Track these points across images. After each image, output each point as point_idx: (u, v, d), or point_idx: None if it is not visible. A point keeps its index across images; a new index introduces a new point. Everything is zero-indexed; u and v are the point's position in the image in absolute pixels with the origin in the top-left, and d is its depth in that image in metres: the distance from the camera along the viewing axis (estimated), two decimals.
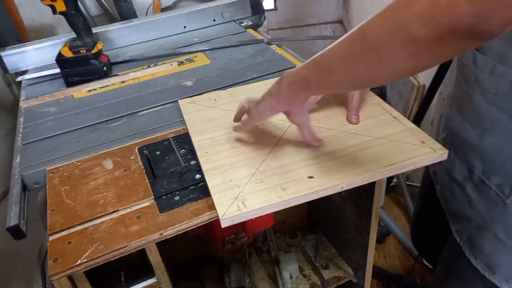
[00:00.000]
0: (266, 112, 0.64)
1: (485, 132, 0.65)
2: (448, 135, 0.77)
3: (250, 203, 0.58)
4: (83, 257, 0.56)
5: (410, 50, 0.40)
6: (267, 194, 0.59)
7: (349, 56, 0.47)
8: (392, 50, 0.41)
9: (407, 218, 1.67)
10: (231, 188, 0.61)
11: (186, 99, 0.86)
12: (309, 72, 0.55)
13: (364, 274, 0.94)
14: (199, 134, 0.74)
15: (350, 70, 0.48)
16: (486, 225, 0.69)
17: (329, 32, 2.65)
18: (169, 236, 0.59)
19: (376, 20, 0.42)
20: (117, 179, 0.70)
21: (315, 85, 0.55)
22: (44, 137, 0.85)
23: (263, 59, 1.09)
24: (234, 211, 0.57)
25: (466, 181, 0.72)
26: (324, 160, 0.65)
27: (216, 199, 0.59)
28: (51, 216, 0.63)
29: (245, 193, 0.60)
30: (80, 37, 1.04)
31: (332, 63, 0.50)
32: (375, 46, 0.42)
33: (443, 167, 0.79)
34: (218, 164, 0.66)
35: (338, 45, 0.49)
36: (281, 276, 0.99)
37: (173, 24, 1.31)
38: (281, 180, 0.62)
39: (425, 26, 0.37)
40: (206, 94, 0.87)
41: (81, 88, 1.04)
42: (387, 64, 0.43)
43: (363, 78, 0.48)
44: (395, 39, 0.40)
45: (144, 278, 0.67)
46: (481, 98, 0.64)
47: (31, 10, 1.91)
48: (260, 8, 1.39)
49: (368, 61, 0.44)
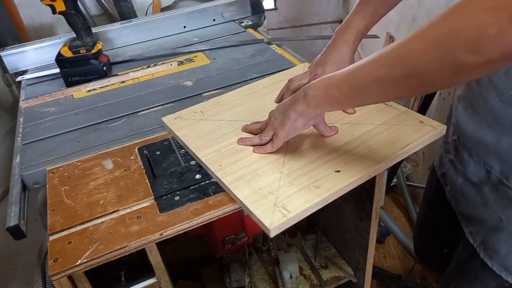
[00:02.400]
0: (298, 130, 0.64)
1: (503, 133, 0.65)
2: (460, 137, 0.76)
3: (291, 207, 0.57)
4: (83, 257, 0.56)
5: (457, 73, 0.41)
6: (304, 195, 0.59)
7: (389, 80, 0.48)
8: (438, 74, 0.42)
9: (407, 218, 1.67)
10: (264, 196, 0.59)
11: (170, 116, 0.82)
12: (342, 92, 0.55)
13: (364, 274, 0.94)
14: (203, 148, 0.71)
15: (390, 91, 0.49)
16: (502, 226, 0.68)
17: (329, 32, 2.65)
18: (169, 236, 0.59)
19: (417, 45, 0.43)
20: (117, 179, 0.70)
21: (348, 104, 0.60)
22: (44, 137, 0.85)
23: (263, 59, 1.09)
24: (280, 218, 0.55)
25: (483, 182, 0.71)
26: (341, 154, 0.66)
27: (255, 209, 0.57)
28: (51, 216, 0.63)
29: (281, 199, 0.59)
30: (79, 37, 1.04)
31: (370, 85, 0.50)
32: (420, 71, 0.43)
33: (455, 168, 0.78)
34: (238, 175, 0.64)
35: (374, 67, 0.49)
36: (281, 276, 0.99)
37: (173, 24, 1.31)
38: (310, 179, 0.62)
39: (475, 54, 0.38)
40: (190, 108, 0.84)
41: (81, 88, 1.03)
42: (430, 85, 0.45)
43: (400, 96, 0.50)
44: (442, 65, 0.41)
45: (144, 278, 0.67)
46: (497, 99, 0.63)
47: (31, 10, 1.91)
48: (260, 7, 1.39)
49: (412, 84, 0.46)
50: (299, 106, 0.61)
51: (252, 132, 0.74)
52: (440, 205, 0.90)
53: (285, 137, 0.65)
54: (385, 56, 0.47)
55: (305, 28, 2.66)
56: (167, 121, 0.80)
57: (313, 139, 0.70)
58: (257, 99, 0.85)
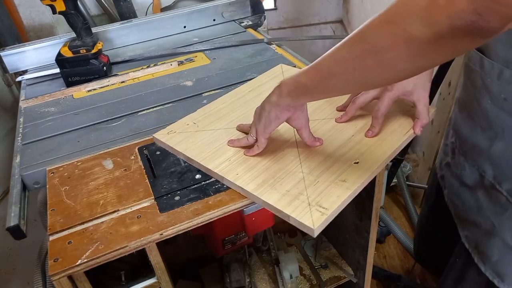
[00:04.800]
0: (272, 123, 0.63)
1: (495, 137, 0.64)
2: (457, 140, 0.75)
3: (327, 204, 0.57)
4: (83, 257, 0.56)
5: (411, 50, 0.40)
6: (334, 191, 0.60)
7: (349, 59, 0.47)
8: (392, 51, 0.41)
9: (407, 218, 1.67)
10: (295, 198, 0.59)
11: (162, 132, 0.77)
12: (309, 78, 0.55)
13: (364, 274, 0.94)
14: (211, 160, 0.69)
15: (350, 73, 0.48)
16: (495, 231, 0.68)
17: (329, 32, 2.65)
18: (169, 236, 0.59)
19: (375, 22, 0.42)
20: (117, 179, 0.70)
21: (315, 90, 0.56)
22: (44, 137, 0.85)
23: (263, 59, 1.09)
24: (319, 216, 0.56)
25: (477, 186, 0.71)
26: (353, 146, 0.68)
27: (291, 212, 0.57)
28: (51, 216, 0.63)
29: (313, 197, 0.59)
30: (79, 37, 1.04)
31: (332, 67, 0.50)
32: (375, 48, 0.42)
33: (452, 171, 0.78)
34: (259, 180, 0.63)
35: (337, 49, 0.49)
36: (281, 276, 0.99)
37: (173, 24, 1.31)
38: (334, 174, 0.62)
39: (425, 26, 0.37)
40: (180, 121, 0.80)
41: (81, 88, 1.03)
42: (387, 65, 0.43)
43: (364, 81, 0.49)
44: (395, 40, 0.40)
45: (144, 278, 0.67)
46: (490, 103, 0.63)
47: (31, 10, 1.91)
48: (260, 7, 1.39)
49: (369, 63, 0.44)
50: (273, 96, 0.61)
51: (244, 130, 0.74)
52: (440, 208, 0.90)
53: (262, 131, 0.64)
54: (348, 37, 0.47)
55: (305, 28, 2.65)
56: (161, 137, 0.76)
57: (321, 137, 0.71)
58: (247, 104, 0.83)
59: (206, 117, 0.80)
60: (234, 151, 0.70)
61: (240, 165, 0.67)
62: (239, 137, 0.72)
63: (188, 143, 0.73)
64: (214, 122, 0.79)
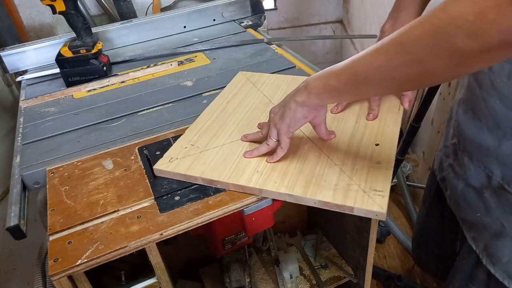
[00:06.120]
0: (298, 123, 0.63)
1: (504, 137, 0.64)
2: (460, 141, 0.75)
3: (380, 187, 0.60)
4: (83, 257, 0.56)
5: (455, 61, 0.40)
6: (377, 173, 0.62)
7: (387, 68, 0.47)
8: (435, 61, 0.42)
9: (407, 218, 1.67)
10: (348, 189, 0.60)
11: (162, 161, 0.70)
12: (341, 82, 0.55)
13: (364, 274, 0.94)
14: (238, 176, 0.65)
15: (388, 81, 0.49)
16: (504, 232, 0.67)
17: (329, 32, 2.65)
18: (169, 236, 0.60)
19: (415, 33, 0.43)
20: (117, 179, 0.70)
21: (347, 94, 0.57)
22: (44, 137, 0.85)
23: (263, 59, 1.09)
24: (382, 200, 0.58)
25: (484, 187, 0.70)
26: (363, 131, 0.72)
27: (354, 204, 0.57)
28: (51, 216, 0.63)
29: (364, 185, 0.60)
30: (79, 37, 1.04)
31: (368, 74, 0.50)
32: (417, 58, 0.43)
33: (456, 173, 0.77)
34: (302, 182, 0.62)
35: (373, 56, 0.49)
36: (281, 276, 0.99)
37: (173, 24, 1.31)
38: (366, 160, 0.65)
39: (473, 39, 0.37)
40: (174, 147, 0.73)
41: (81, 88, 1.04)
42: (429, 74, 0.44)
43: (402, 87, 0.50)
44: (438, 52, 0.41)
45: (144, 278, 0.67)
46: (499, 103, 0.63)
47: (31, 10, 1.91)
48: (260, 7, 1.39)
49: (409, 73, 0.45)
50: (299, 96, 0.61)
51: (255, 140, 0.72)
52: (439, 210, 0.89)
53: (286, 130, 0.64)
54: (385, 44, 0.47)
55: (305, 28, 2.65)
56: (164, 166, 0.69)
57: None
58: (234, 115, 0.81)
59: (201, 137, 0.75)
60: (256, 161, 0.68)
61: (272, 173, 0.65)
62: (251, 147, 0.70)
63: (201, 166, 0.68)
64: (213, 140, 0.74)
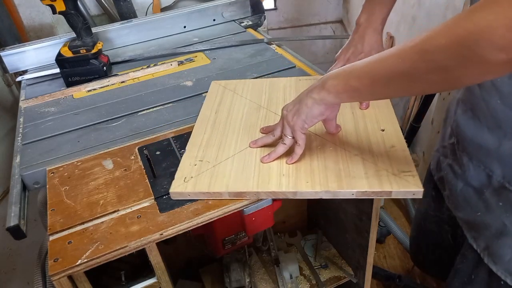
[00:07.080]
0: (314, 119, 0.63)
1: (505, 137, 0.64)
2: (459, 141, 0.75)
3: (406, 168, 0.63)
4: (83, 257, 0.56)
5: (481, 70, 0.41)
6: (396, 156, 0.65)
7: (411, 74, 0.47)
8: (460, 70, 0.42)
9: (407, 218, 1.67)
10: (379, 175, 0.63)
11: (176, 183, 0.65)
12: (362, 84, 0.55)
13: (364, 274, 0.94)
14: (265, 183, 0.64)
15: (411, 86, 0.50)
16: (506, 231, 0.67)
17: (329, 32, 2.65)
18: (169, 236, 0.59)
19: (440, 42, 0.42)
20: (117, 179, 0.70)
21: (368, 95, 0.58)
22: (44, 137, 0.85)
23: (263, 59, 1.09)
24: (413, 178, 0.62)
25: (484, 187, 0.70)
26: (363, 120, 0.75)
27: (391, 188, 0.61)
28: (51, 216, 0.63)
29: (391, 169, 0.63)
30: (79, 37, 1.04)
31: (391, 78, 0.50)
32: (442, 66, 0.43)
33: (455, 173, 0.77)
34: (333, 177, 0.63)
35: (397, 62, 0.49)
36: (281, 276, 0.99)
37: (173, 24, 1.31)
38: (380, 146, 0.68)
39: (502, 52, 0.38)
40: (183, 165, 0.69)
41: (81, 88, 1.04)
42: (453, 81, 0.45)
43: (425, 91, 0.50)
44: (464, 61, 0.41)
45: (144, 278, 0.67)
46: (500, 103, 0.63)
47: (31, 10, 1.91)
48: (260, 7, 1.39)
49: (434, 79, 0.45)
50: (317, 93, 0.61)
51: (267, 144, 0.71)
52: (436, 210, 0.89)
53: (301, 126, 0.64)
54: (408, 51, 0.47)
55: (305, 28, 2.65)
56: (181, 188, 0.64)
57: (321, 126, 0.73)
58: (231, 124, 0.79)
59: (205, 152, 0.72)
60: (276, 165, 0.67)
61: (297, 174, 0.65)
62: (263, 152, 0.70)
63: (222, 180, 0.65)
64: (220, 152, 0.71)
